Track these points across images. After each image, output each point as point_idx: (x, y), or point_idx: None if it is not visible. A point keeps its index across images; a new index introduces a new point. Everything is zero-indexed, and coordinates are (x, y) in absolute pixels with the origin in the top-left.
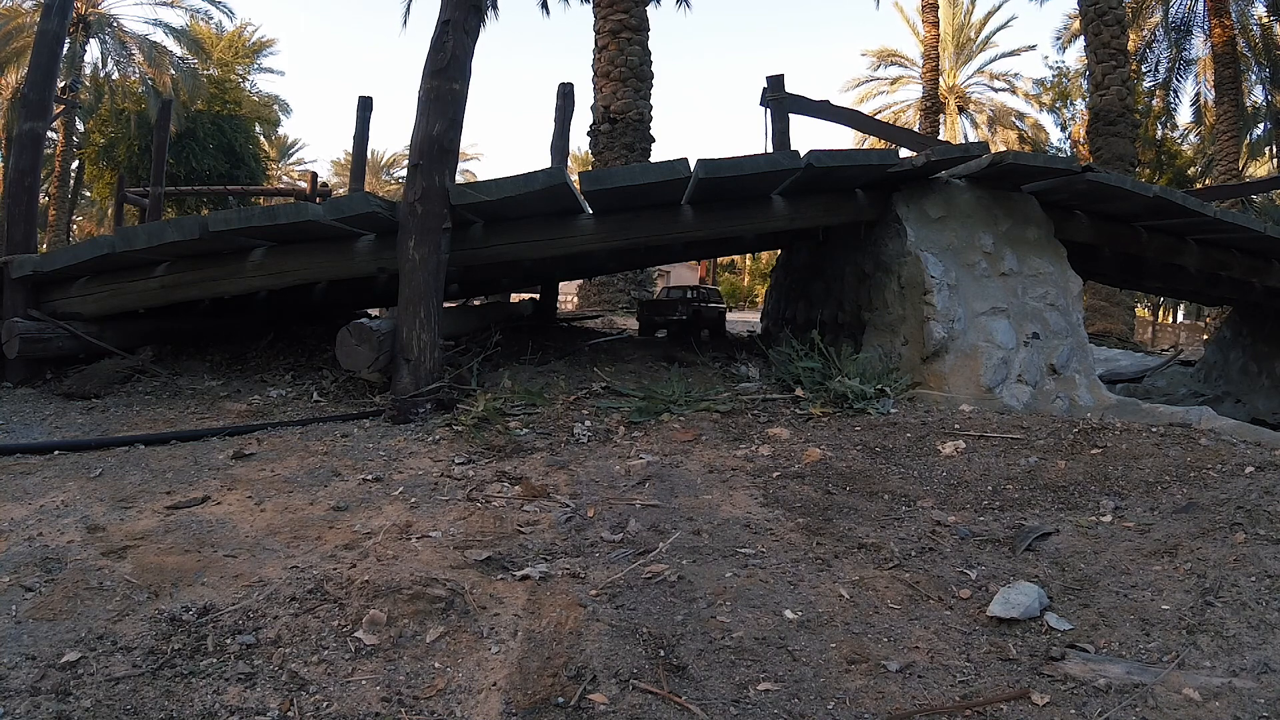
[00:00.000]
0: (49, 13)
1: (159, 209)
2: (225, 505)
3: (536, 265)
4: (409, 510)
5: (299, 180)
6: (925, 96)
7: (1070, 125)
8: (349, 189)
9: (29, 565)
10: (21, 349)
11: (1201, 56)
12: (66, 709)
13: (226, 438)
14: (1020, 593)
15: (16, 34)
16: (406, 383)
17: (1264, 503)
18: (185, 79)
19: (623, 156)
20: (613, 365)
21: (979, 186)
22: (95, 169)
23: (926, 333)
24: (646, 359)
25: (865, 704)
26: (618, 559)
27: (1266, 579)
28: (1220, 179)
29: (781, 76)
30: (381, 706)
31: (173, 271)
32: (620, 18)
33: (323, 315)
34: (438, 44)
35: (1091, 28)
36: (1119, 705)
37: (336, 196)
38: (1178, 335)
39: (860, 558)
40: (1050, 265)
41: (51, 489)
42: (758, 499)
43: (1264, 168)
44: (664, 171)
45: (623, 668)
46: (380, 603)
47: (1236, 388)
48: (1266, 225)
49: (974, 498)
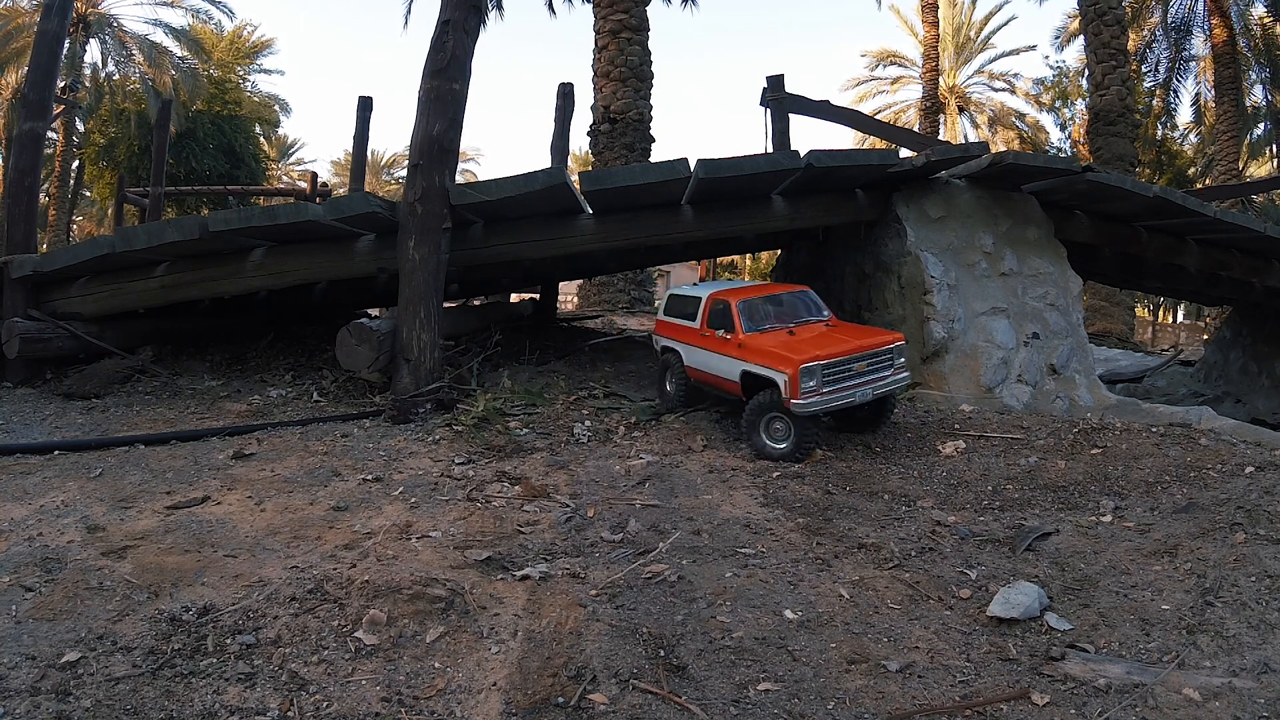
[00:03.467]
0: (49, 13)
1: (159, 209)
2: (225, 505)
3: (536, 265)
4: (409, 510)
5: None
6: (925, 96)
7: (1070, 125)
8: (349, 189)
9: (29, 565)
10: (21, 349)
11: (1201, 56)
12: (66, 709)
13: (226, 438)
14: (1020, 593)
15: (16, 34)
16: (406, 383)
17: (1264, 503)
18: (185, 79)
19: (623, 156)
20: (613, 365)
21: (979, 186)
22: (95, 169)
23: (926, 333)
24: (646, 359)
25: (865, 704)
26: (618, 559)
27: (1266, 579)
28: (1220, 179)
29: (781, 76)
30: (381, 706)
31: (173, 271)
32: (620, 18)
33: (323, 315)
34: (438, 44)
35: (1091, 28)
36: (1119, 705)
37: (336, 196)
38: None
39: (860, 558)
40: (1050, 265)
41: (51, 489)
42: (758, 499)
43: (1264, 168)
44: (664, 171)
45: (623, 668)
46: (380, 603)
47: (1236, 388)
48: (1266, 225)
49: (974, 498)
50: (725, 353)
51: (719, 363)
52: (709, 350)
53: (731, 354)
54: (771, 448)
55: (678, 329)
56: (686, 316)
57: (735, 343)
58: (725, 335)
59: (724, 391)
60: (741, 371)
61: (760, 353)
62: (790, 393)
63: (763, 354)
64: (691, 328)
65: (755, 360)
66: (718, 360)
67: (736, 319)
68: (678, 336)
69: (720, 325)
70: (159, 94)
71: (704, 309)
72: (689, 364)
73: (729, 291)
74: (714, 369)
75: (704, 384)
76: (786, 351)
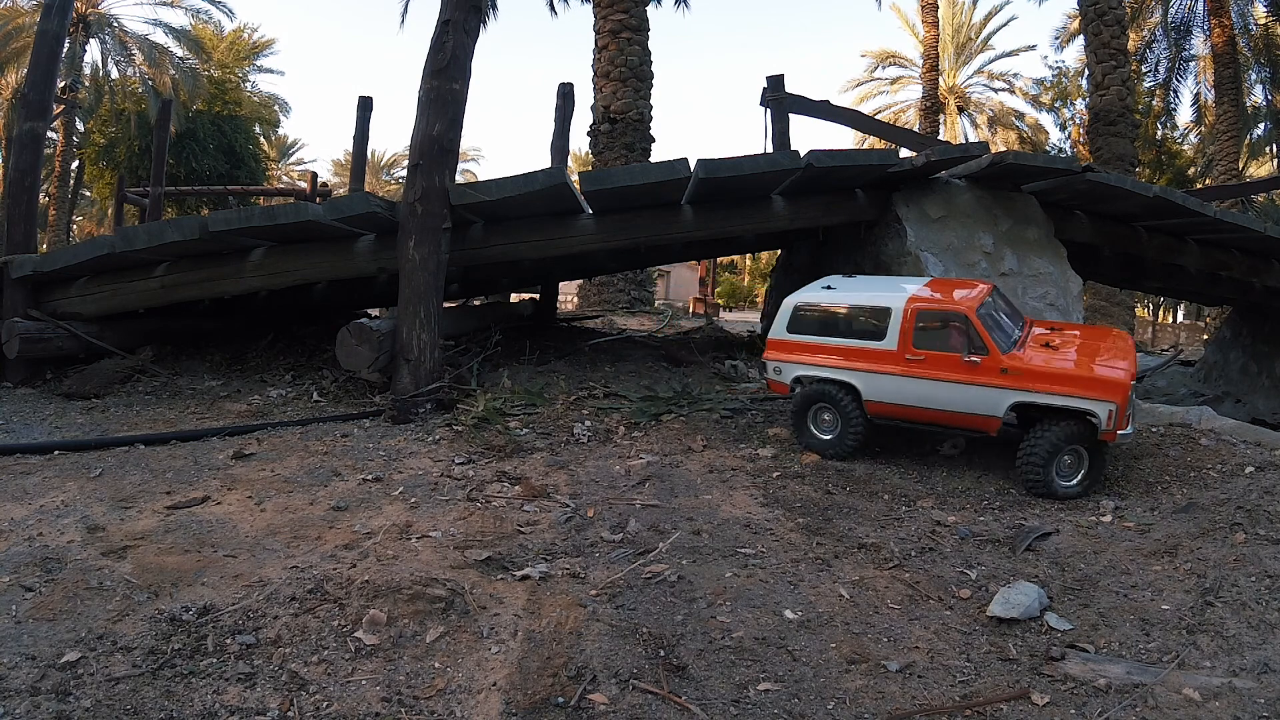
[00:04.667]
0: (49, 13)
1: (159, 209)
2: (225, 505)
3: (536, 265)
4: (409, 510)
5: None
6: (925, 97)
7: (1070, 125)
8: (349, 189)
9: (29, 565)
10: (21, 349)
11: (1201, 56)
12: (66, 709)
13: (226, 438)
14: (1020, 593)
15: (16, 34)
16: (406, 383)
17: (1264, 503)
18: (185, 79)
19: (623, 156)
20: (613, 365)
21: (979, 186)
22: (95, 169)
23: None
24: (646, 359)
25: (865, 704)
26: (618, 559)
27: (1266, 579)
28: (1220, 179)
29: (781, 77)
30: (381, 706)
31: (173, 271)
32: (620, 18)
33: (322, 315)
34: (438, 44)
35: (1091, 28)
36: (1119, 705)
37: (336, 197)
38: (1178, 335)
39: (860, 558)
40: (1050, 265)
41: (51, 489)
42: (758, 499)
43: (1264, 168)
44: (664, 171)
45: (623, 668)
46: (380, 603)
47: (1236, 388)
48: (1266, 225)
49: (974, 498)
50: (972, 381)
51: (951, 394)
52: (924, 379)
53: (986, 382)
54: (1062, 486)
55: (837, 352)
56: (857, 335)
57: (995, 367)
58: (971, 359)
59: (948, 427)
60: (1014, 403)
61: (1045, 377)
62: (1116, 423)
63: (1051, 378)
64: (874, 349)
65: (1040, 387)
66: (948, 391)
67: (985, 336)
68: (845, 362)
69: (943, 345)
70: (159, 94)
71: (904, 323)
72: (873, 398)
73: (943, 297)
74: (938, 403)
75: (904, 420)
76: (1094, 372)
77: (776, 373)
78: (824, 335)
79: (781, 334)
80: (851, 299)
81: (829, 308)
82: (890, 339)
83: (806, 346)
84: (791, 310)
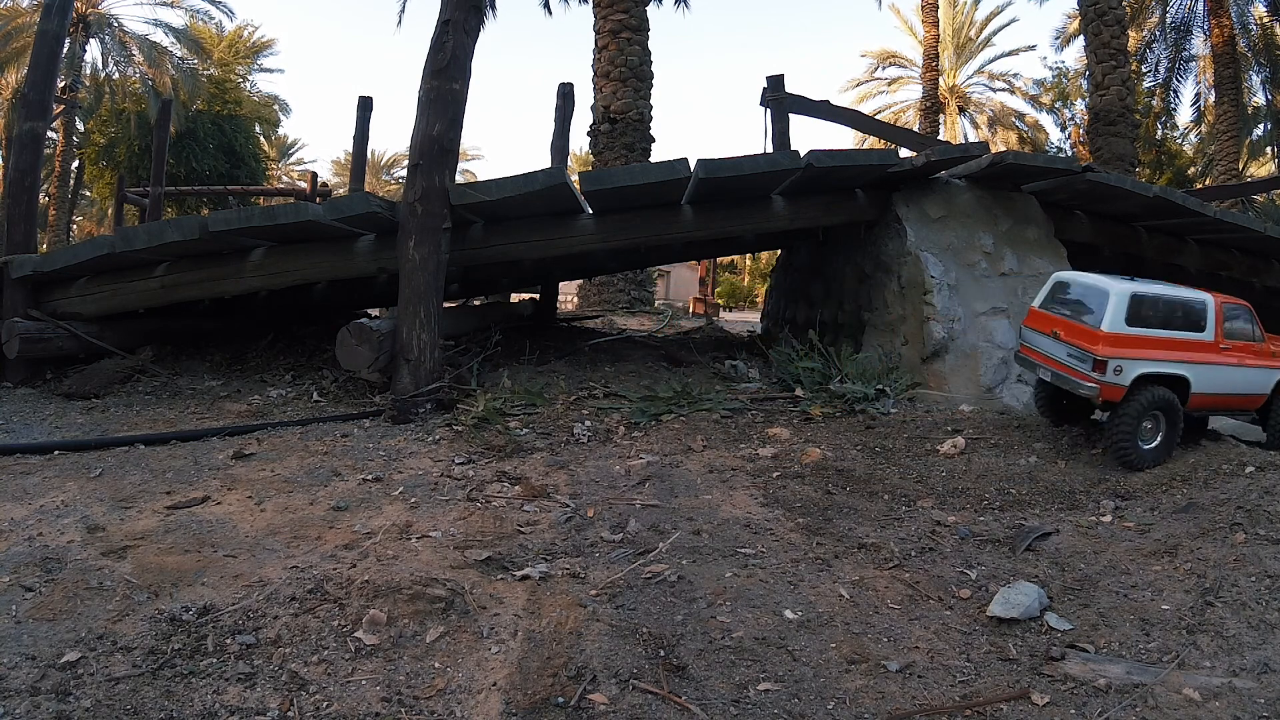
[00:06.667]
0: (49, 13)
1: (159, 209)
2: (225, 505)
3: (536, 265)
4: (409, 510)
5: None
6: (925, 97)
7: (1070, 125)
8: (349, 189)
9: (29, 565)
10: (21, 349)
11: (1202, 56)
12: (66, 709)
13: (226, 438)
14: (1020, 593)
15: (16, 34)
16: (406, 383)
17: (1264, 503)
18: (185, 79)
19: (623, 156)
20: (613, 365)
21: (979, 186)
22: (95, 169)
23: (926, 333)
24: (646, 359)
25: (865, 704)
26: (618, 559)
27: (1266, 579)
28: (1220, 179)
29: (781, 77)
30: (381, 706)
31: (173, 271)
32: (620, 18)
33: (322, 315)
34: (438, 44)
35: (1091, 28)
36: (1119, 705)
37: (336, 197)
38: None
39: (860, 558)
40: (1051, 265)
41: (51, 489)
42: (758, 499)
43: (1264, 168)
44: (664, 171)
45: (623, 668)
46: (380, 603)
47: None
48: (1266, 225)
49: (974, 498)
50: (1261, 364)
51: (1245, 378)
52: (1233, 366)
53: (1268, 364)
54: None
55: (1168, 345)
56: (1182, 327)
57: (1268, 350)
58: (1258, 343)
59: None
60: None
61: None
62: None
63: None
64: (1197, 340)
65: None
66: (1244, 375)
67: (1258, 322)
68: (1178, 356)
69: (1236, 335)
70: (159, 94)
71: (1216, 317)
72: (1198, 390)
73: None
74: (1236, 387)
75: (1208, 409)
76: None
77: (1117, 373)
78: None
79: (1120, 327)
80: (1174, 294)
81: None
82: (1209, 331)
83: (1149, 341)
84: (1129, 300)
